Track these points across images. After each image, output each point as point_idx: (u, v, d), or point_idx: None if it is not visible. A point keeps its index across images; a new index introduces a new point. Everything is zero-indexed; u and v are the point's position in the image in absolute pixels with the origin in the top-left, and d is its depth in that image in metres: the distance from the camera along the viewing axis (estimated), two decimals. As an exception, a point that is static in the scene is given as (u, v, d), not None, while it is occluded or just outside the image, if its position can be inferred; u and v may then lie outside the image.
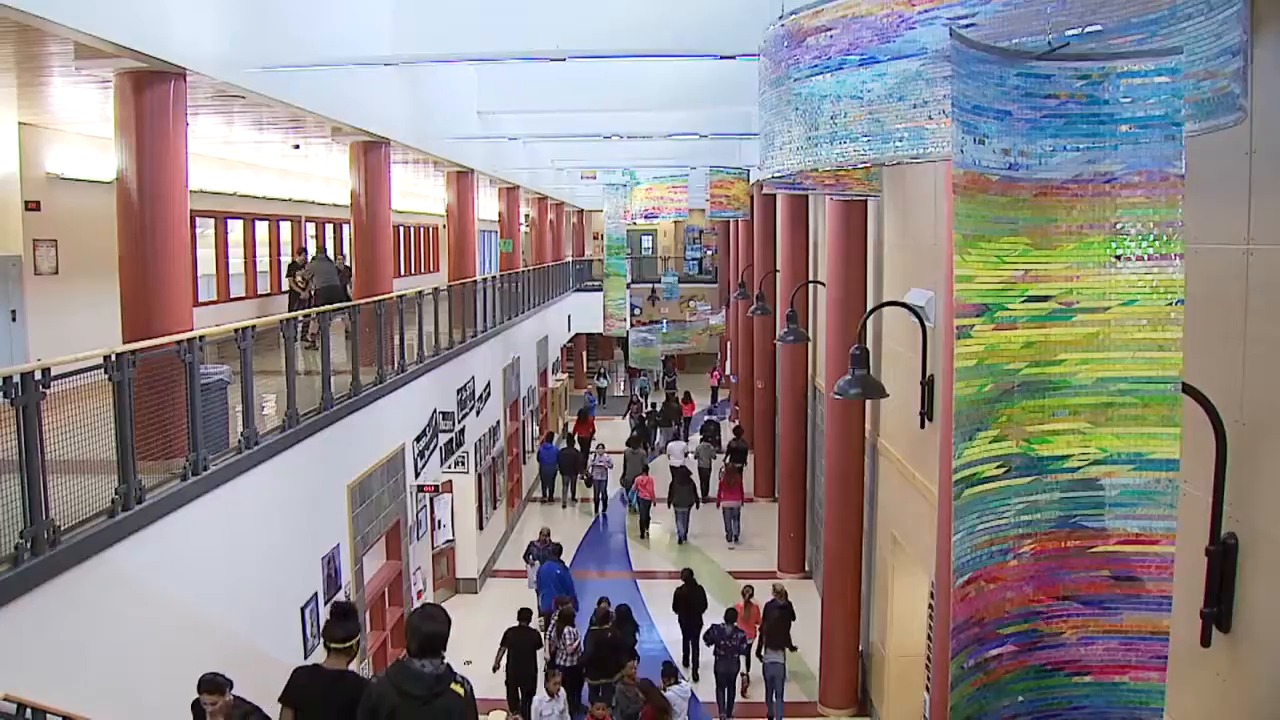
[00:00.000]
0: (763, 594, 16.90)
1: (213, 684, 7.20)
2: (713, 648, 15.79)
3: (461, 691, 6.29)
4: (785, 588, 16.70)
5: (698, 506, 24.93)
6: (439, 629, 6.31)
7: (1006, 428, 3.78)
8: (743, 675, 16.22)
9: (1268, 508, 5.15)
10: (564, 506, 28.57)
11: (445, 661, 6.33)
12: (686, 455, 27.96)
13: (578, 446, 30.21)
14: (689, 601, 17.48)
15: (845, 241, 15.49)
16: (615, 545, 24.82)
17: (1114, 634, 3.87)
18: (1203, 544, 5.37)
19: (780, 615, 15.75)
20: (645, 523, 25.50)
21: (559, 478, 28.91)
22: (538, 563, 18.74)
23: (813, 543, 21.31)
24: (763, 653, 15.68)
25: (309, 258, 19.81)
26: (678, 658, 17.07)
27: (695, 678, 16.98)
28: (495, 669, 14.66)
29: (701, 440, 30.52)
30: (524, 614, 15.54)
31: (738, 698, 16.02)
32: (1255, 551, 5.22)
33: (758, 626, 16.06)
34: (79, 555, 7.13)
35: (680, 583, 17.78)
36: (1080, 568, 3.85)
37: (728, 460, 26.62)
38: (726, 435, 31.48)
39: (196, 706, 7.26)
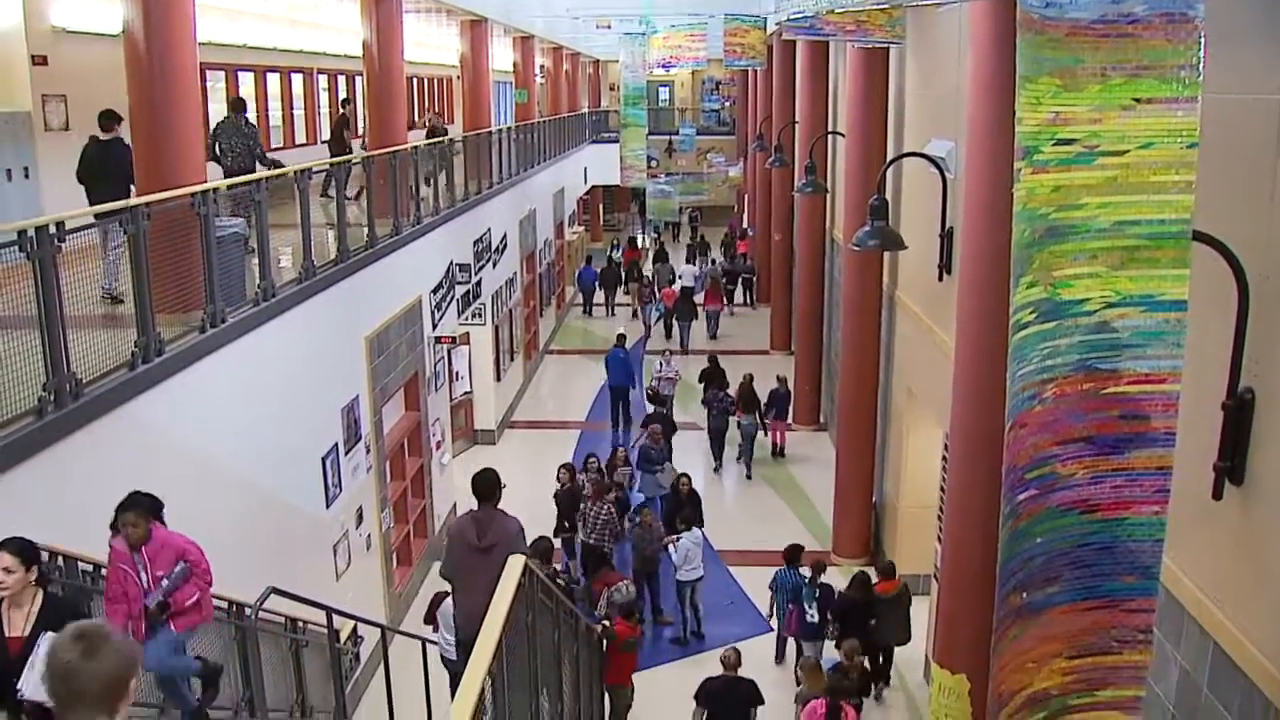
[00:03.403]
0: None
1: (20, 549, 5.47)
2: (708, 409, 20.01)
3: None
4: (784, 375, 21.42)
5: (696, 318, 29.40)
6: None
7: (1038, 273, 3.84)
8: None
9: (1288, 362, 5.11)
10: (609, 314, 33.48)
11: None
12: (696, 279, 31.70)
13: (621, 270, 34.75)
14: (713, 376, 21.26)
15: (866, 91, 15.21)
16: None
17: (1121, 471, 3.96)
18: (1219, 398, 5.36)
19: (783, 395, 20.56)
20: (669, 327, 29.78)
21: (599, 293, 33.88)
22: (659, 469, 16.98)
23: (828, 395, 21.45)
24: (740, 420, 19.63)
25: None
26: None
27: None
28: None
29: (712, 264, 34.65)
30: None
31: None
32: (1272, 406, 5.21)
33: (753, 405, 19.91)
34: (101, 407, 7.21)
35: (707, 363, 21.97)
36: (1093, 409, 3.91)
37: (723, 280, 32.50)
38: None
39: None
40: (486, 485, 8.15)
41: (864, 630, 11.94)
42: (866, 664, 11.90)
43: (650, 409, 20.79)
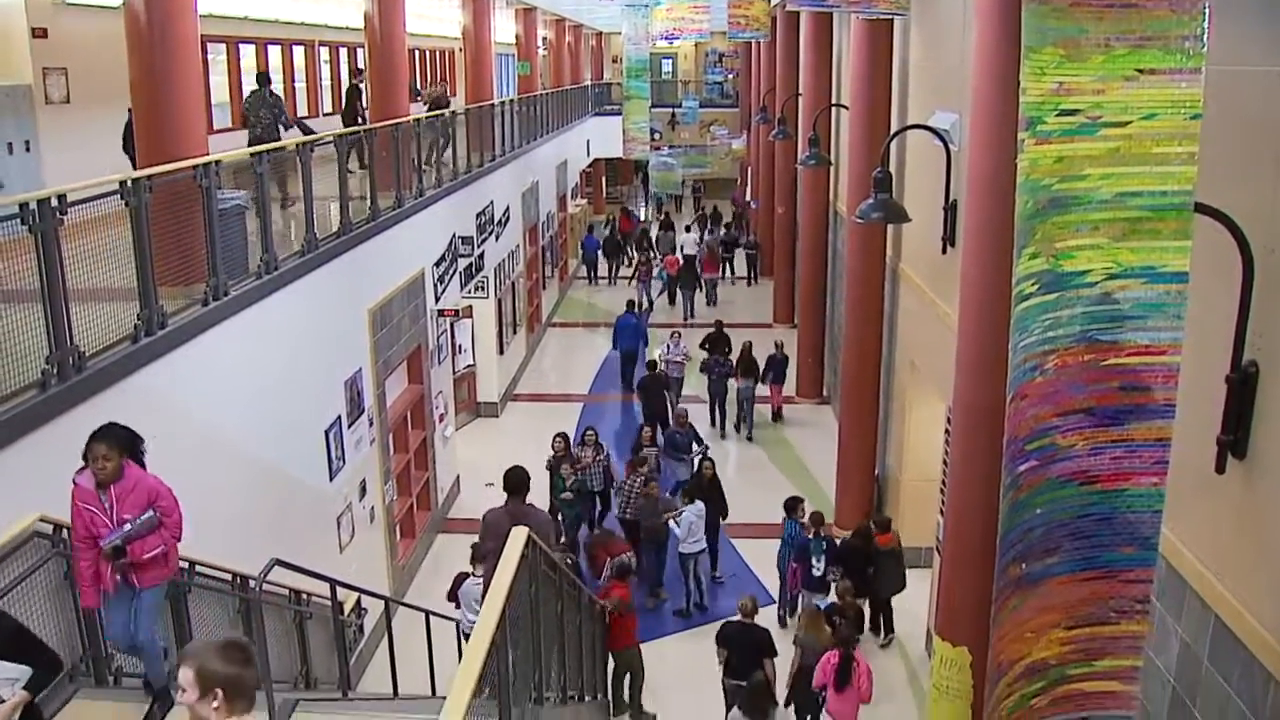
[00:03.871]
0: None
1: None
2: (707, 374, 20.57)
3: None
4: (782, 341, 21.94)
5: (700, 288, 30.13)
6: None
7: (1040, 245, 3.84)
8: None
9: (1293, 335, 5.09)
10: (611, 284, 33.87)
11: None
12: (698, 246, 31.99)
13: (620, 239, 35.34)
14: (716, 341, 21.91)
15: (870, 63, 15.12)
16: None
17: (1121, 443, 3.97)
18: (1223, 371, 5.35)
19: (780, 360, 20.91)
20: (673, 295, 30.53)
21: (603, 263, 34.48)
22: (697, 444, 17.10)
23: (831, 368, 21.44)
24: (739, 385, 20.16)
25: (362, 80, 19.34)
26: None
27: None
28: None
29: (711, 233, 34.92)
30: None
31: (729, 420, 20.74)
32: (1276, 380, 5.19)
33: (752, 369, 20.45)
34: (104, 380, 7.22)
35: (712, 329, 22.64)
36: (1094, 380, 3.91)
37: (720, 249, 33.14)
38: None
39: None
40: (516, 480, 8.97)
41: (863, 576, 12.83)
42: (866, 608, 12.91)
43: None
